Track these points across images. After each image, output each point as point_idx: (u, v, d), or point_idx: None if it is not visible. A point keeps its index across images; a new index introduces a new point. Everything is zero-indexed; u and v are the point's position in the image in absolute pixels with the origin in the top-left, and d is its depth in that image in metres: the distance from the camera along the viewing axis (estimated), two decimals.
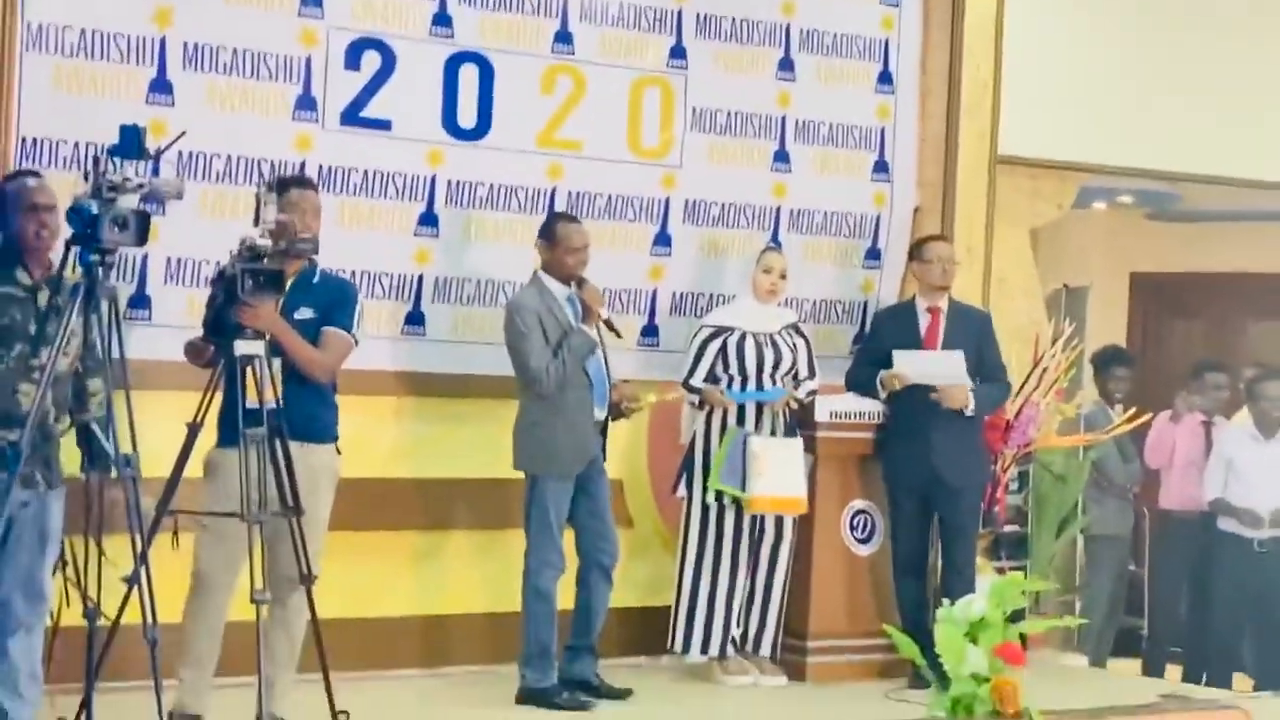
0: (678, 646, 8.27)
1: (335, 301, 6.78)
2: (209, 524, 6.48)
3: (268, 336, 6.32)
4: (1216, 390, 10.28)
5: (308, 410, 6.60)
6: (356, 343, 6.87)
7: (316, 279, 6.78)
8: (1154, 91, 10.30)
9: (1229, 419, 10.22)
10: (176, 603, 6.58)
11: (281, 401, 6.31)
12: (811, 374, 8.38)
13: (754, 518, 8.20)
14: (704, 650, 8.25)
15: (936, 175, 9.39)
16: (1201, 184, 10.95)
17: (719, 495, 8.17)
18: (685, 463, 8.30)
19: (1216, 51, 10.55)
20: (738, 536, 8.22)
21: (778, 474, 8.15)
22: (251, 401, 6.22)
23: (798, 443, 8.28)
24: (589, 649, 7.80)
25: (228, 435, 6.40)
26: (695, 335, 8.31)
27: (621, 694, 7.76)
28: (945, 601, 5.93)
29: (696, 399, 8.22)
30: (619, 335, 7.79)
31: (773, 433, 8.20)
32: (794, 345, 8.34)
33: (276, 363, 6.38)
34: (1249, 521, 9.65)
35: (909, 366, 8.34)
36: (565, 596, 7.78)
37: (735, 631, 8.27)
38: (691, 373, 8.23)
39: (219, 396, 6.39)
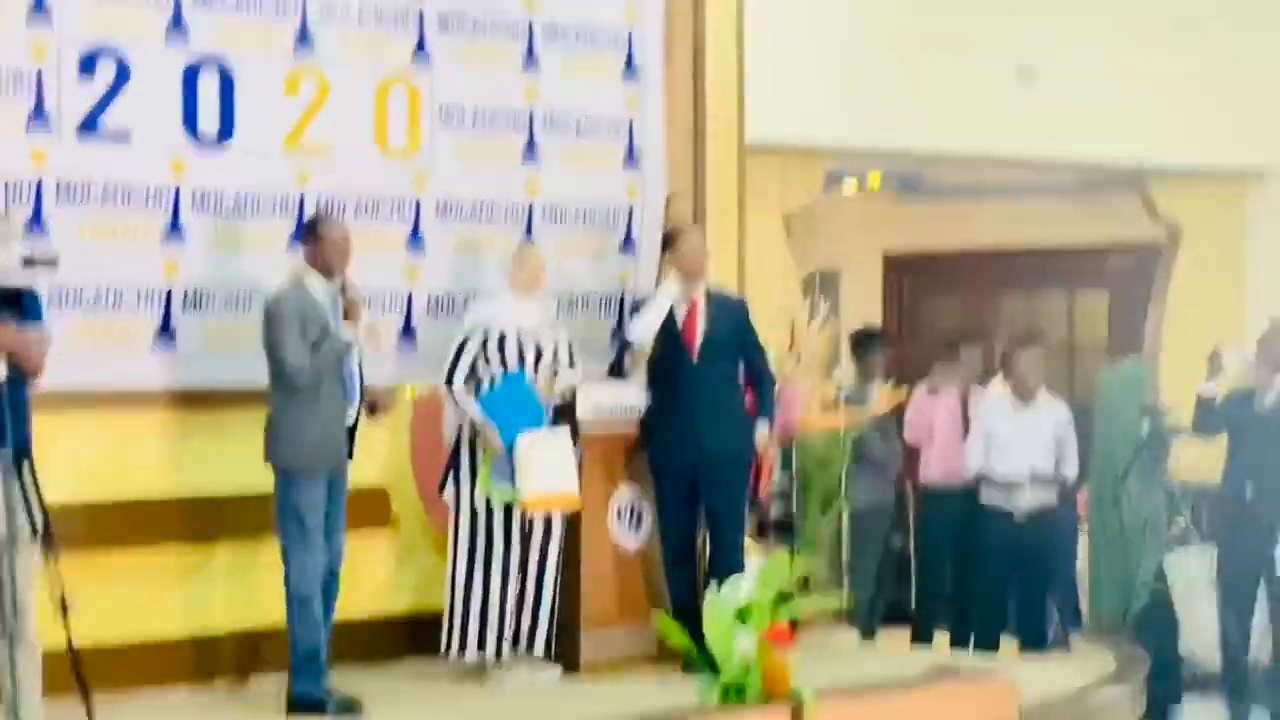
0: (453, 650, 8.21)
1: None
2: None
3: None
4: (970, 363, 10.41)
5: None
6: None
7: None
8: (894, 72, 10.47)
9: (984, 387, 10.37)
10: None
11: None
12: (571, 364, 8.36)
13: (523, 516, 8.16)
14: (479, 650, 8.19)
15: (686, 164, 9.42)
16: (944, 163, 11.12)
17: (488, 497, 8.13)
18: (450, 463, 8.24)
19: (950, 32, 10.76)
20: (508, 536, 8.17)
21: (548, 470, 8.13)
22: None
23: (564, 434, 8.26)
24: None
25: None
26: (456, 333, 8.25)
27: (353, 705, 7.61)
28: (713, 584, 5.97)
29: (460, 428, 8.15)
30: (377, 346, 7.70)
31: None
32: (555, 339, 8.32)
33: None
34: (1012, 495, 9.78)
35: (641, 332, 8.43)
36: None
37: (509, 631, 8.22)
38: (452, 370, 8.18)
39: None
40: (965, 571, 10.19)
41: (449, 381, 8.18)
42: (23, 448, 6.14)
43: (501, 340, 8.19)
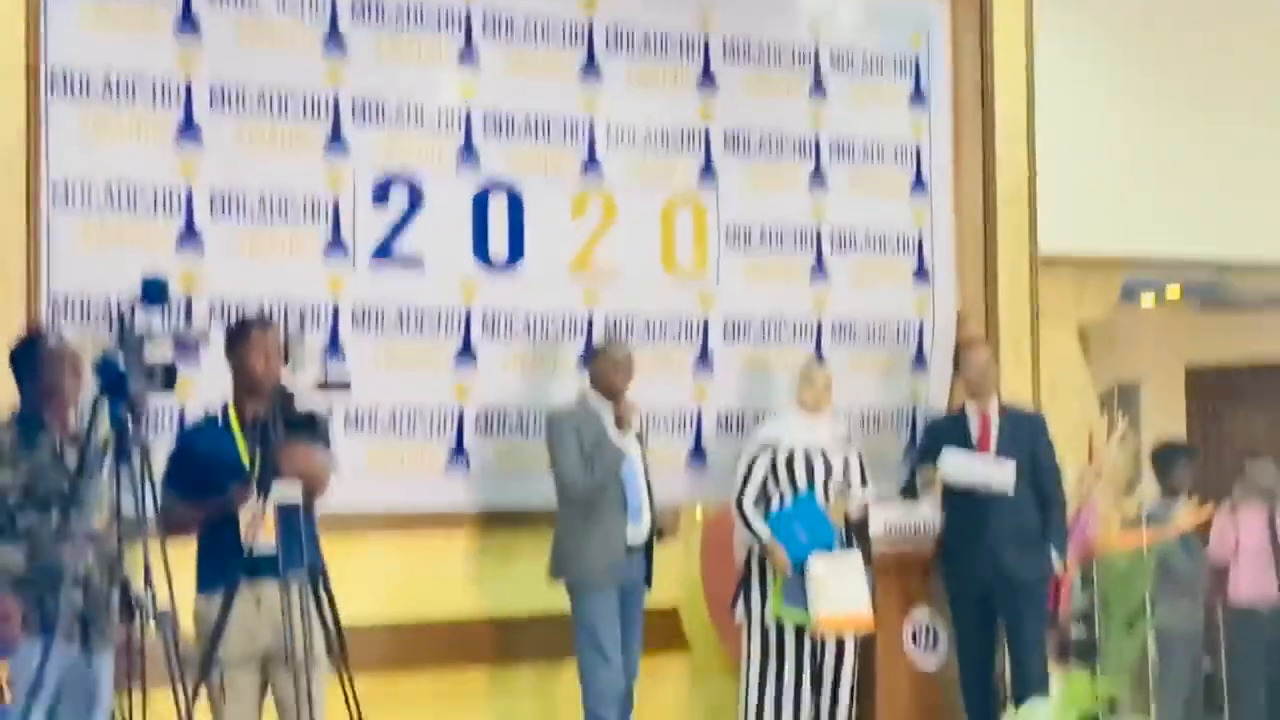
0: None
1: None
2: (229, 680, 6.34)
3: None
4: (1264, 478, 10.09)
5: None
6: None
7: None
8: (1192, 178, 10.21)
9: None
10: None
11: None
12: (864, 483, 8.23)
13: (814, 637, 8.02)
14: None
15: (977, 278, 9.29)
16: (1248, 271, 10.79)
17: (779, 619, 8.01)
18: (741, 583, 8.15)
19: (1249, 134, 10.47)
20: (798, 657, 8.03)
21: (841, 592, 7.98)
22: (268, 545, 6.12)
23: (856, 555, 8.09)
24: None
25: (219, 580, 6.26)
26: (744, 453, 8.19)
27: None
28: (1011, 707, 5.80)
29: (751, 545, 8.07)
30: (639, 438, 7.67)
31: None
32: (844, 457, 8.20)
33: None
34: None
35: (955, 470, 8.23)
36: None
37: None
38: (742, 491, 8.10)
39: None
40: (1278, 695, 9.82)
41: (739, 503, 8.10)
42: (317, 566, 6.22)
43: (790, 459, 8.09)
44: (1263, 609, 9.88)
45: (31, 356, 6.23)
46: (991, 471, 8.25)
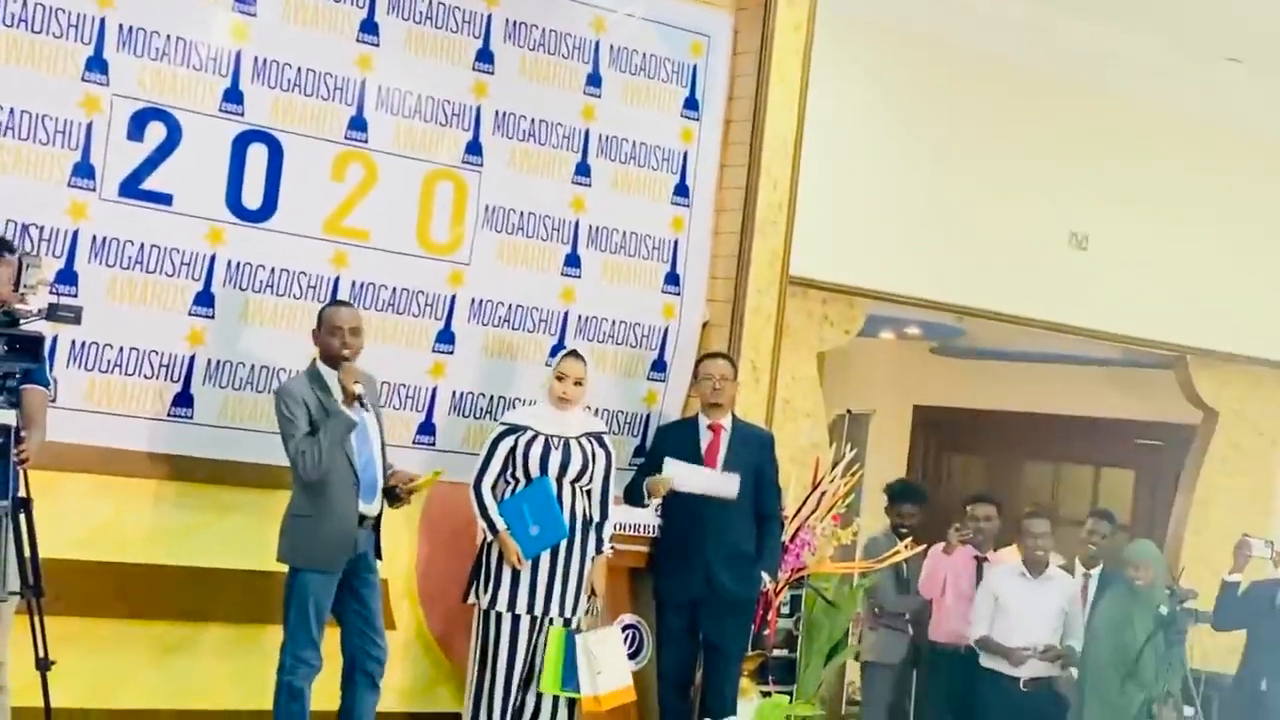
0: None
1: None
2: None
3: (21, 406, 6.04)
4: (984, 521, 10.32)
5: None
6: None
7: None
8: (946, 226, 10.43)
9: (998, 552, 10.27)
10: None
11: None
12: (604, 510, 8.17)
13: (532, 629, 7.98)
14: None
15: (727, 292, 9.32)
16: (986, 320, 11.03)
17: (510, 603, 7.94)
18: (474, 569, 8.08)
19: (1006, 192, 10.73)
20: (513, 648, 7.99)
21: (613, 666, 8.02)
22: None
23: (616, 630, 8.21)
24: None
25: None
26: (490, 434, 8.13)
27: None
28: None
29: (486, 532, 8.01)
30: (363, 405, 7.46)
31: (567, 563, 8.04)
32: (591, 454, 8.15)
33: None
34: (1015, 660, 9.66)
35: (681, 480, 8.27)
36: (333, 698, 7.52)
37: None
38: (481, 473, 8.02)
39: None
40: None
41: (477, 485, 8.02)
42: (21, 497, 6.05)
43: (529, 445, 8.03)
44: (954, 650, 10.07)
45: None
46: (717, 482, 8.31)
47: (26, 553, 6.08)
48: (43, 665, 6.12)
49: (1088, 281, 11.09)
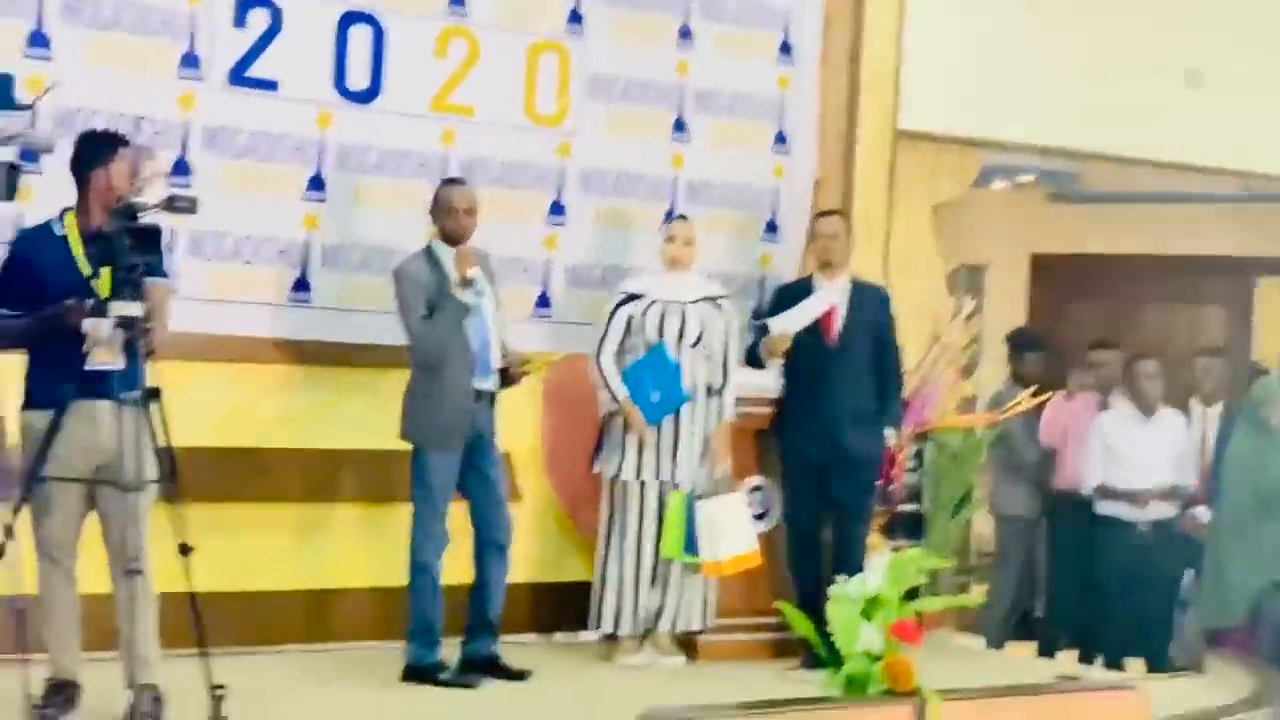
0: (606, 625, 8.11)
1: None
2: (54, 493, 6.24)
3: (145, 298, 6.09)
4: (1104, 367, 10.21)
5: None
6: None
7: None
8: (1057, 69, 10.25)
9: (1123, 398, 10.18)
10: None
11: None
12: (726, 374, 8.19)
13: (658, 495, 8.04)
14: (618, 629, 8.10)
15: (838, 149, 9.26)
16: (1101, 163, 10.87)
17: (637, 471, 8.01)
18: (599, 439, 8.13)
19: (1120, 31, 10.52)
20: (641, 514, 8.05)
21: (735, 531, 8.06)
22: (103, 362, 6.00)
23: (740, 496, 8.23)
24: (486, 627, 7.63)
25: (49, 396, 6.14)
26: (608, 304, 8.16)
27: (520, 674, 7.59)
28: (838, 578, 5.84)
29: (609, 402, 8.05)
30: (475, 290, 7.48)
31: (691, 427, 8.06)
32: (709, 318, 8.15)
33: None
34: (1135, 503, 9.61)
35: (785, 326, 8.24)
36: (468, 573, 7.61)
37: (641, 610, 8.11)
38: (601, 343, 8.08)
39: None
40: (1090, 584, 9.97)
41: (598, 356, 8.06)
42: (152, 388, 6.12)
43: (645, 312, 8.06)
44: (1078, 498, 10.01)
45: None
46: (815, 305, 8.26)
47: (160, 442, 6.15)
48: (184, 551, 6.20)
49: (1204, 118, 10.87)
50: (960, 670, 7.20)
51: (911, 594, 5.92)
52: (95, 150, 6.38)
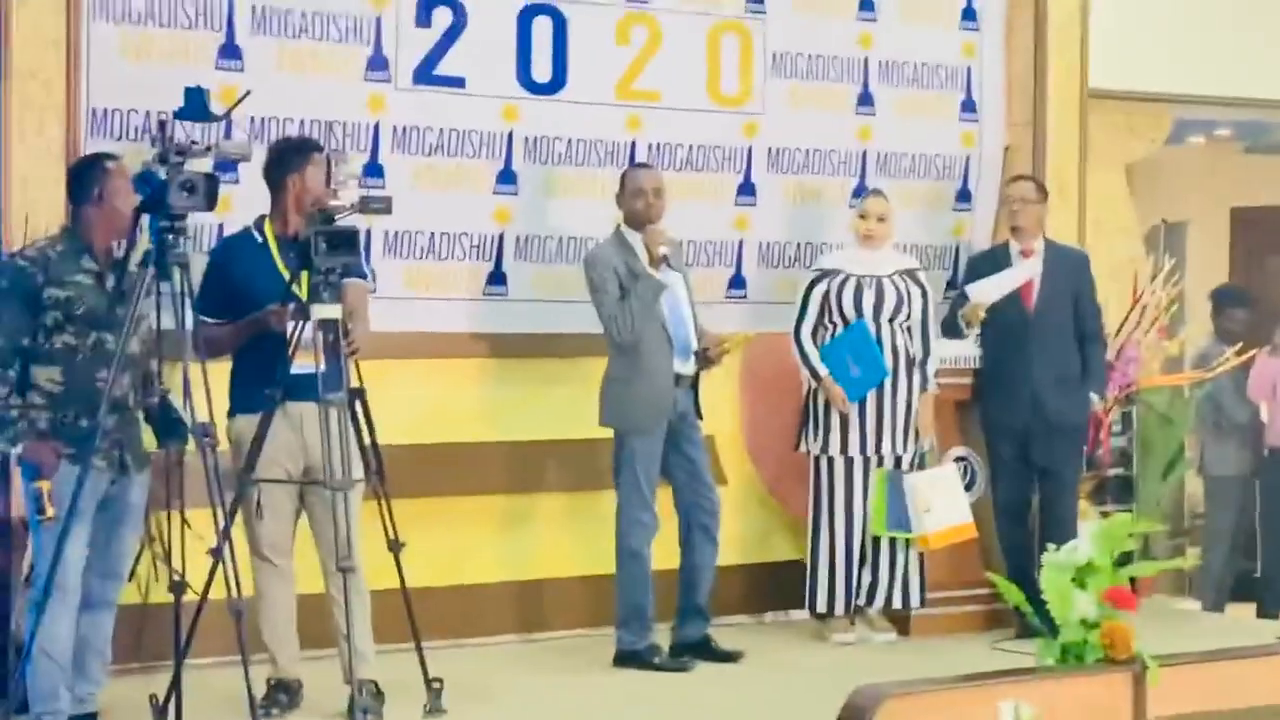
0: (819, 604, 8.11)
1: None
2: (265, 495, 6.36)
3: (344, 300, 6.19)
4: None
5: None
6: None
7: None
8: (1245, 18, 10.04)
9: None
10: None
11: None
12: (926, 346, 8.15)
13: (865, 471, 8.03)
14: (831, 609, 8.08)
15: (1026, 113, 9.14)
16: None
17: (843, 447, 8.00)
18: (802, 417, 8.12)
19: None
20: (849, 490, 8.04)
21: (945, 504, 8.01)
22: (305, 365, 6.11)
23: (952, 467, 8.23)
24: (697, 610, 7.66)
25: (256, 401, 6.25)
26: (803, 282, 8.15)
27: (732, 656, 7.61)
28: (1049, 547, 5.78)
29: (810, 380, 8.04)
30: (670, 265, 7.46)
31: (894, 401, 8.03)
32: (906, 291, 8.11)
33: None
34: None
35: (984, 294, 8.16)
36: (674, 557, 7.64)
37: (853, 586, 8.09)
38: (800, 322, 8.08)
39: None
40: None
41: (797, 333, 8.06)
42: (356, 388, 6.22)
43: (841, 287, 8.03)
44: None
45: (90, 175, 6.15)
46: (1015, 275, 8.17)
47: (366, 440, 6.25)
48: (394, 547, 6.30)
49: None
50: (1178, 635, 7.09)
51: (1124, 559, 5.84)
52: (288, 157, 6.51)
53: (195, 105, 5.98)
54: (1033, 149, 9.12)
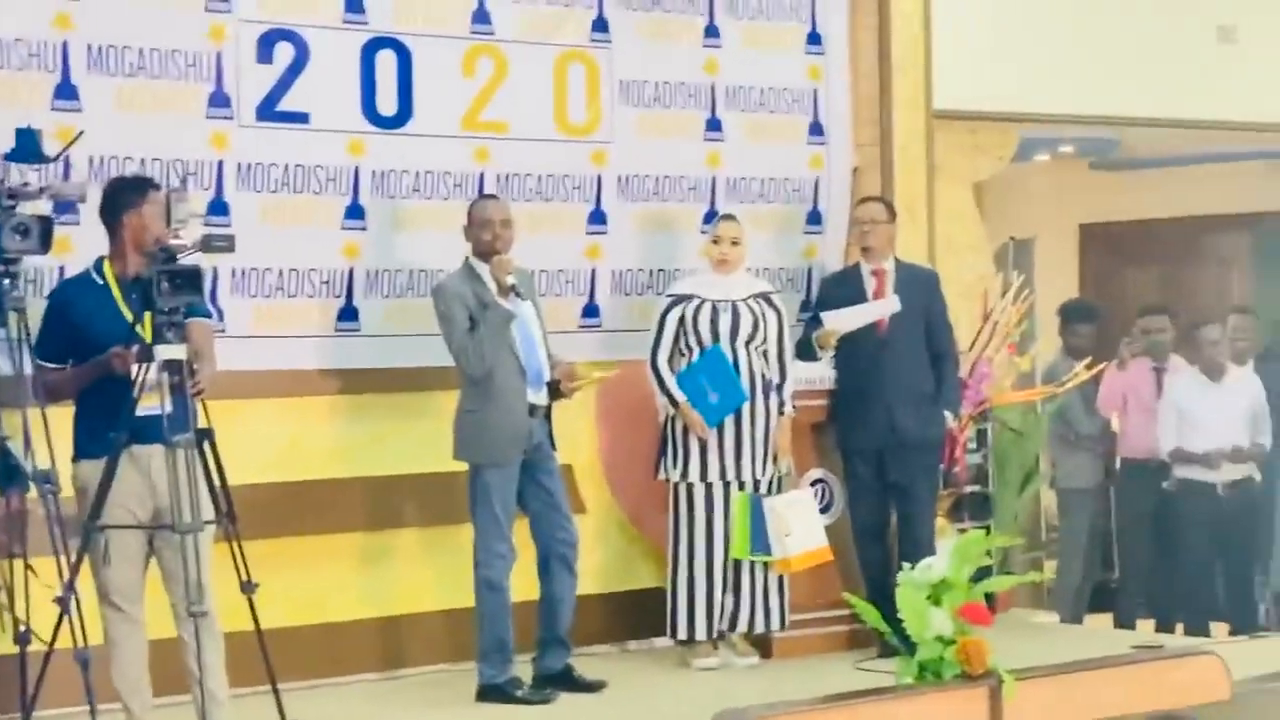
0: (680, 630, 8.07)
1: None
2: (114, 541, 6.24)
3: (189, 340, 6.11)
4: (1156, 333, 10.16)
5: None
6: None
7: None
8: (1086, 36, 10.19)
9: (1180, 361, 10.11)
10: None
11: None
12: (783, 370, 8.15)
13: (725, 496, 8.02)
14: (693, 635, 8.05)
15: (873, 135, 9.21)
16: (1140, 127, 10.80)
17: (702, 473, 7.98)
18: (660, 444, 8.11)
19: None
20: (709, 516, 8.03)
21: (803, 527, 8.00)
22: (151, 407, 6.01)
23: (809, 492, 8.24)
24: (558, 641, 7.62)
25: (101, 445, 6.14)
26: (657, 309, 8.13)
27: (595, 685, 7.59)
28: (905, 566, 5.81)
29: (668, 407, 8.03)
30: (519, 295, 7.41)
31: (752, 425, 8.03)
32: (761, 314, 8.12)
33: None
34: (1210, 465, 9.58)
35: (841, 323, 8.20)
36: (534, 588, 7.60)
37: (716, 612, 8.07)
38: (655, 348, 8.05)
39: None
40: (1167, 550, 9.92)
41: (653, 361, 8.05)
42: (203, 430, 6.13)
43: (697, 312, 8.02)
44: (1147, 465, 9.96)
45: None
46: (877, 309, 8.23)
47: (216, 482, 6.17)
48: (247, 588, 6.22)
49: (1240, 75, 10.79)
50: (1036, 648, 7.17)
51: (981, 575, 5.89)
52: (123, 196, 6.42)
53: (27, 147, 5.88)
54: (881, 170, 9.20)
